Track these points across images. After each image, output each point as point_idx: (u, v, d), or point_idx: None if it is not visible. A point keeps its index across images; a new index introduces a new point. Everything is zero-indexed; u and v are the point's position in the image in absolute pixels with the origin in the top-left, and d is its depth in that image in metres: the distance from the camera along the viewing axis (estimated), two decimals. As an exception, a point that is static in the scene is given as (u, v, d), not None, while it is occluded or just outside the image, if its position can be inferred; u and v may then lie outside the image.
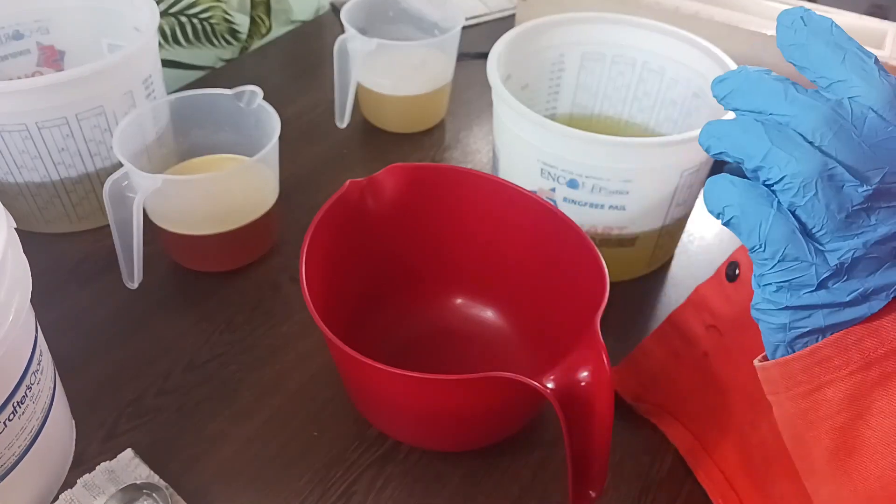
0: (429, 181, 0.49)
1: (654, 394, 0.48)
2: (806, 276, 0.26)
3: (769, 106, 0.26)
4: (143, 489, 0.42)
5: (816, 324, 0.27)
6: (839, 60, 0.26)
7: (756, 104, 0.26)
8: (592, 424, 0.36)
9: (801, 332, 0.28)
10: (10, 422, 0.36)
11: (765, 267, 0.27)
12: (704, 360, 0.44)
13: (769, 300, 0.28)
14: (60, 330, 0.50)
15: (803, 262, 0.26)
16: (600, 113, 0.65)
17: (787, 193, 0.26)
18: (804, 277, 0.26)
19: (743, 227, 0.27)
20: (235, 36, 0.84)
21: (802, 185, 0.25)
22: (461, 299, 0.53)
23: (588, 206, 0.51)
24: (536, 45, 0.59)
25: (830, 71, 0.26)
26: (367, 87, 0.70)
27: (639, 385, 0.48)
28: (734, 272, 0.40)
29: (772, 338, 0.29)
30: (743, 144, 0.26)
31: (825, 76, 0.26)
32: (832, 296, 0.27)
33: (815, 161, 0.25)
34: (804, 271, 0.26)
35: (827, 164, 0.25)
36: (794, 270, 0.26)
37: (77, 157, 0.55)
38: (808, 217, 0.26)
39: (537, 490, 0.45)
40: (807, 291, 0.27)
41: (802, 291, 0.27)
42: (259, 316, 0.54)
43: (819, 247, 0.26)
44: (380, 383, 0.41)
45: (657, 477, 0.46)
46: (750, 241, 0.27)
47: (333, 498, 0.44)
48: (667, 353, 0.46)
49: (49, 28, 0.64)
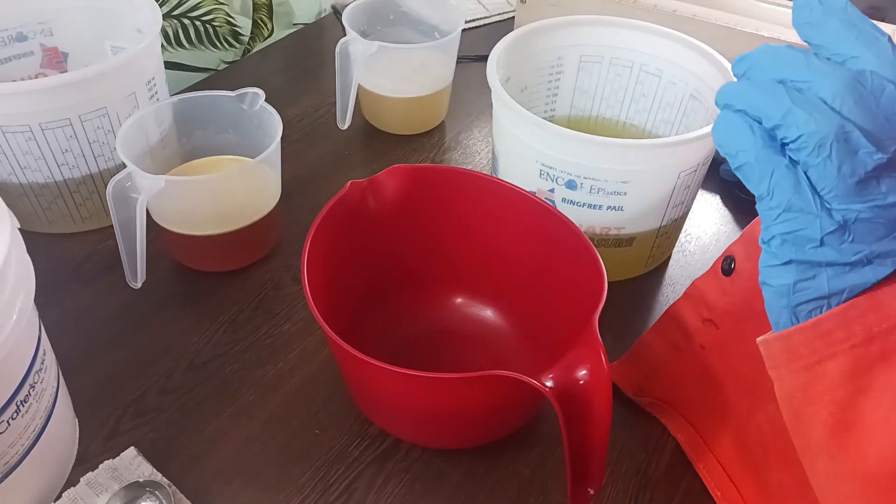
0: (429, 182, 0.49)
1: (655, 387, 0.48)
2: (810, 228, 0.27)
3: (791, 73, 0.27)
4: (146, 487, 0.42)
5: (820, 288, 0.27)
6: (853, 37, 0.26)
7: (778, 73, 0.27)
8: (591, 422, 0.36)
9: (805, 297, 0.28)
10: (13, 420, 0.37)
11: (770, 217, 0.27)
12: (702, 353, 0.44)
13: (774, 254, 0.28)
14: (63, 329, 0.50)
15: (808, 214, 0.26)
16: (598, 115, 0.66)
17: (803, 152, 0.26)
18: (808, 230, 0.27)
19: (754, 174, 0.27)
20: (238, 38, 0.85)
21: (818, 144, 0.25)
22: (461, 299, 0.54)
23: (586, 207, 0.52)
24: (535, 48, 0.60)
25: (845, 47, 0.27)
26: (368, 88, 0.71)
27: (640, 378, 0.48)
28: (730, 266, 0.41)
29: (776, 304, 0.29)
30: (762, 104, 0.27)
31: (840, 52, 0.27)
32: (837, 254, 0.27)
33: (833, 122, 0.25)
34: (808, 223, 0.27)
35: (844, 126, 0.25)
36: (799, 221, 0.27)
37: (80, 158, 0.56)
38: (819, 177, 0.26)
39: (536, 487, 0.45)
40: (811, 246, 0.27)
41: (807, 246, 0.27)
42: (260, 315, 0.54)
43: (826, 205, 0.27)
44: (380, 382, 0.41)
45: (655, 474, 0.46)
46: (759, 188, 0.27)
47: (334, 495, 0.44)
48: (666, 346, 0.47)
49: (52, 30, 0.65)
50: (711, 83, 0.56)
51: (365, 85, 0.70)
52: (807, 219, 0.27)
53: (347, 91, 0.67)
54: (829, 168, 0.26)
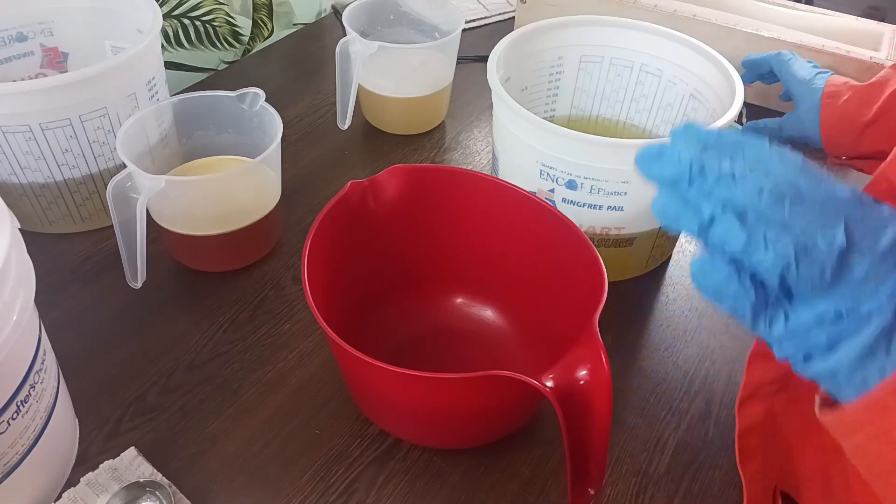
0: (429, 182, 0.49)
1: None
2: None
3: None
4: (147, 487, 0.42)
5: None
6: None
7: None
8: (591, 422, 0.36)
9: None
10: (13, 420, 0.37)
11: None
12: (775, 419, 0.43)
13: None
14: (64, 329, 0.50)
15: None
16: (598, 115, 0.66)
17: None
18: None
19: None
20: (238, 38, 0.85)
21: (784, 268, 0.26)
22: (461, 299, 0.54)
23: (586, 207, 0.52)
24: (535, 48, 0.60)
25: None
26: (369, 89, 0.71)
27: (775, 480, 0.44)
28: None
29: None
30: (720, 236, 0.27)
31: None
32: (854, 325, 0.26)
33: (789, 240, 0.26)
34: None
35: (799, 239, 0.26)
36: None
37: (80, 158, 0.56)
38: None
39: (536, 487, 0.45)
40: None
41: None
42: (261, 315, 0.54)
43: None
44: (381, 382, 0.41)
45: (654, 475, 0.46)
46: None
47: (335, 495, 0.44)
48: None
49: (52, 30, 0.65)
50: (711, 83, 0.56)
51: (365, 85, 0.70)
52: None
53: (347, 91, 0.67)
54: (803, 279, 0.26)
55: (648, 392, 0.51)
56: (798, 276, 0.26)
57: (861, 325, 0.26)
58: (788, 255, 0.26)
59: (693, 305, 0.57)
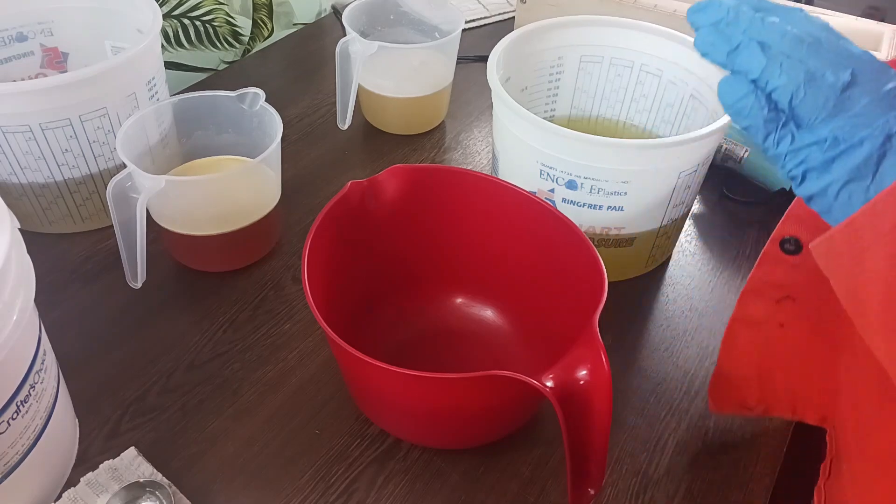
0: (429, 182, 0.49)
1: (757, 393, 0.46)
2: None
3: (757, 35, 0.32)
4: (147, 487, 0.42)
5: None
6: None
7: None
8: (591, 422, 0.36)
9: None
10: (13, 420, 0.37)
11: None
12: (781, 331, 0.44)
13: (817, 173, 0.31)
14: (64, 329, 0.51)
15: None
16: (598, 115, 0.66)
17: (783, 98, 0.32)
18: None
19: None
20: (238, 38, 0.85)
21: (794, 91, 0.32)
22: (461, 299, 0.54)
23: (587, 207, 0.52)
24: (535, 48, 0.60)
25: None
26: (369, 89, 0.71)
27: (740, 394, 0.47)
28: (796, 246, 0.40)
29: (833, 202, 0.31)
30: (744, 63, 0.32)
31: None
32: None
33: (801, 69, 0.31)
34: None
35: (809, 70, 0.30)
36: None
37: (80, 158, 0.56)
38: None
39: (536, 487, 0.45)
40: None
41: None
42: (261, 315, 0.54)
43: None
44: (381, 382, 0.41)
45: (654, 475, 0.46)
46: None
47: (335, 495, 0.44)
48: (748, 350, 0.45)
49: (52, 30, 0.65)
50: (711, 83, 0.56)
51: (365, 85, 0.70)
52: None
53: (347, 91, 0.67)
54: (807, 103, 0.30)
55: (648, 392, 0.51)
56: (805, 100, 0.30)
57: (853, 150, 0.30)
58: (799, 80, 0.30)
59: (693, 305, 0.57)
